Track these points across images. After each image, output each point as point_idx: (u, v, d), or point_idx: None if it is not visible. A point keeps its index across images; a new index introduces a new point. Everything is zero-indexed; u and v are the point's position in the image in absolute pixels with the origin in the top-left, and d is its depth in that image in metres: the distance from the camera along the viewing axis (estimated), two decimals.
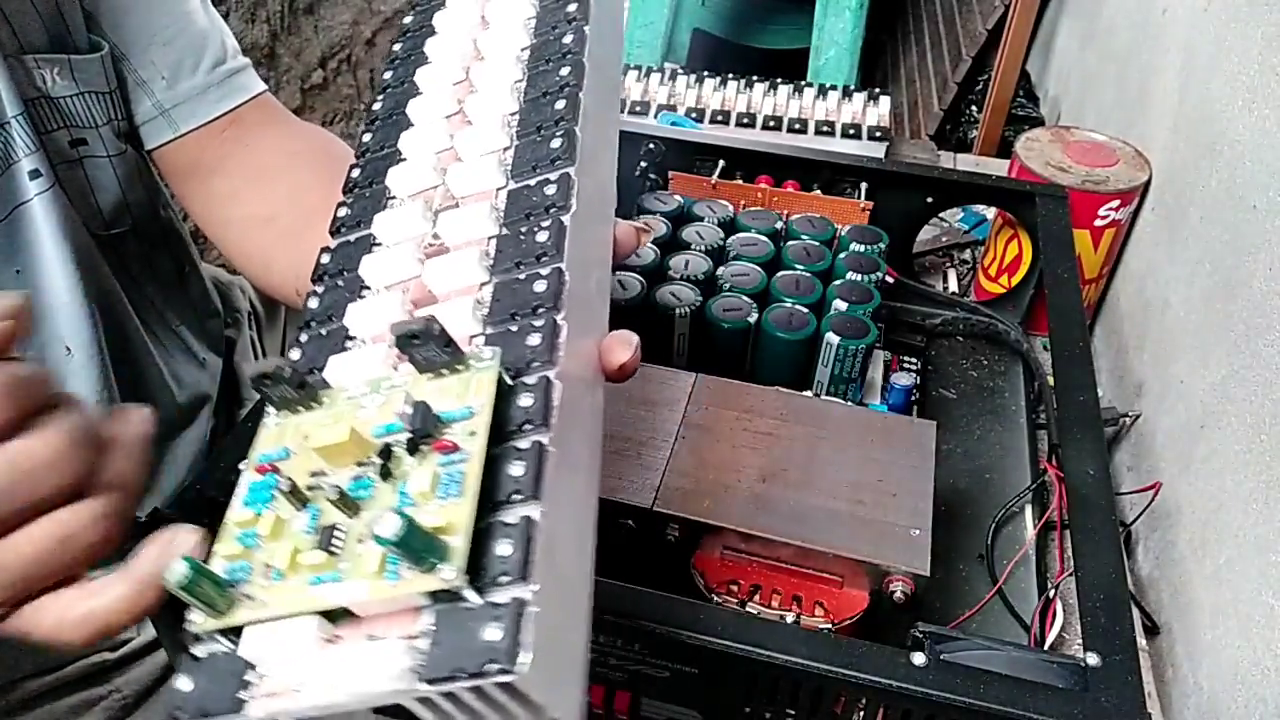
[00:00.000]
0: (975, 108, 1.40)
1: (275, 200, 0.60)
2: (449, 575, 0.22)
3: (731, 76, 0.96)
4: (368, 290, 0.33)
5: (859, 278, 0.62)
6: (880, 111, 0.92)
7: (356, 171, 0.38)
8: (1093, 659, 0.39)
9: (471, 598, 0.23)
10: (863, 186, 0.71)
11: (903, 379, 0.62)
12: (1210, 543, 0.56)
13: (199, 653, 0.25)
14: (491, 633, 0.22)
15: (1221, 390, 0.58)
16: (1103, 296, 0.81)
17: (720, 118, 0.92)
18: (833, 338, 0.58)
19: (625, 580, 0.43)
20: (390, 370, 0.29)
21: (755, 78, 0.96)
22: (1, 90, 0.51)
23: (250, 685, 0.24)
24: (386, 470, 0.26)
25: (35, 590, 0.28)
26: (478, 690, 0.22)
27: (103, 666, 0.61)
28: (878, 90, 0.94)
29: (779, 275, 0.62)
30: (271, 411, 0.29)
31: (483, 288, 0.31)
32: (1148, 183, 0.74)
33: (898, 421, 0.55)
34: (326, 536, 0.25)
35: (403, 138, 0.37)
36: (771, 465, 0.50)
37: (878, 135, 0.89)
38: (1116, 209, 0.73)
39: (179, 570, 0.24)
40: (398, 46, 0.42)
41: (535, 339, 0.28)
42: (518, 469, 0.25)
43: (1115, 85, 0.94)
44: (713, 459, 0.50)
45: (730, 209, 0.68)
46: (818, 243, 0.65)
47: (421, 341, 0.26)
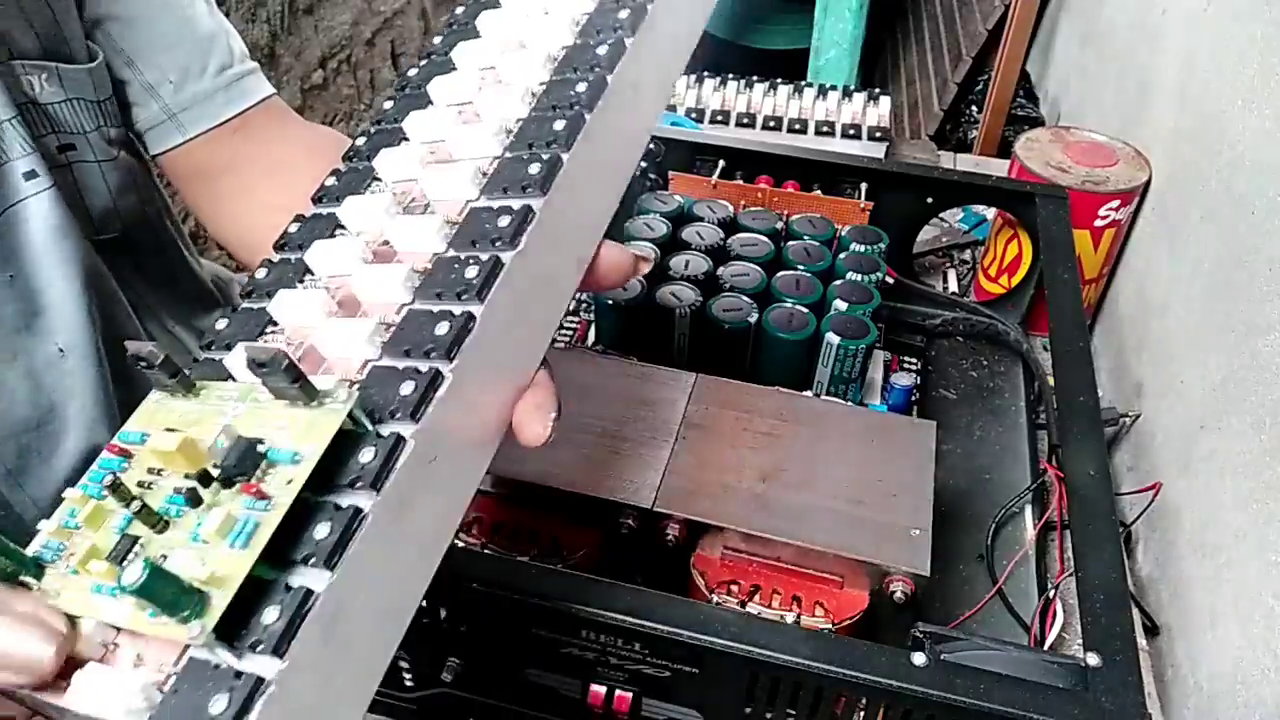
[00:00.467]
0: (975, 108, 1.40)
1: (296, 190, 0.60)
2: (195, 633, 0.22)
3: (731, 77, 0.96)
4: (309, 276, 0.31)
5: (859, 278, 0.62)
6: (880, 112, 0.92)
7: (362, 140, 0.36)
8: (1093, 659, 0.39)
9: (223, 658, 0.22)
10: (863, 187, 0.71)
11: (903, 379, 0.62)
12: (1210, 543, 0.56)
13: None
14: (217, 704, 0.21)
15: (1221, 390, 0.58)
16: (1103, 297, 0.81)
17: (720, 118, 0.92)
18: (833, 338, 0.58)
19: (625, 580, 0.43)
20: None
21: (755, 78, 0.96)
22: None
23: None
24: (197, 497, 0.25)
25: None
26: None
27: None
28: (878, 90, 0.94)
29: (779, 275, 0.62)
30: (155, 390, 0.28)
31: (401, 309, 0.29)
32: (1147, 183, 0.74)
33: (898, 421, 0.55)
34: (124, 548, 0.24)
35: (411, 116, 0.35)
36: (771, 465, 0.50)
37: (878, 135, 0.89)
38: (1116, 209, 0.73)
39: None
40: (460, 10, 0.39)
41: (408, 387, 0.26)
42: (322, 530, 0.23)
43: (1115, 85, 0.94)
44: (713, 459, 0.50)
45: (730, 209, 0.68)
46: (818, 243, 0.65)
47: (269, 371, 0.25)
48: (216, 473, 0.25)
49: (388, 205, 0.32)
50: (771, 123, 0.91)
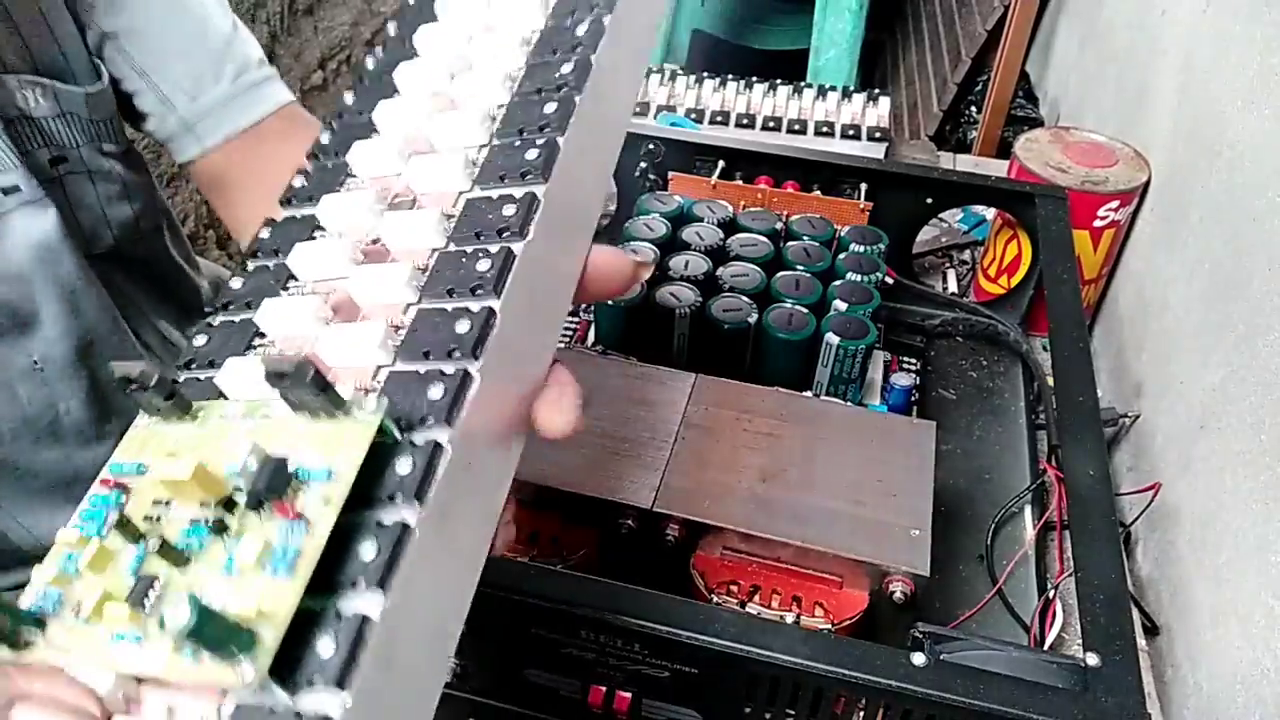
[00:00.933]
0: (975, 108, 1.40)
1: None
2: (248, 675, 0.20)
3: (731, 77, 0.96)
4: (294, 282, 0.29)
5: (859, 278, 0.62)
6: (880, 112, 0.92)
7: (327, 136, 0.34)
8: (1093, 659, 0.39)
9: (279, 699, 0.20)
10: (862, 187, 0.71)
11: (903, 379, 0.62)
12: (1210, 543, 0.56)
13: None
14: None
15: (1221, 390, 0.58)
16: (1102, 297, 0.81)
17: (720, 118, 0.92)
18: (833, 338, 0.58)
19: (625, 580, 0.43)
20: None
21: (755, 78, 0.96)
22: None
23: None
24: (222, 525, 0.22)
25: None
26: None
27: None
28: (877, 91, 0.94)
29: (779, 276, 0.62)
30: (143, 414, 0.26)
31: (408, 309, 0.27)
32: (1147, 183, 0.74)
33: (898, 422, 0.55)
34: (142, 589, 0.22)
35: (380, 106, 0.33)
36: (771, 465, 0.50)
37: (877, 136, 0.89)
38: (1116, 209, 0.73)
39: None
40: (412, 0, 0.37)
41: (437, 391, 0.24)
42: (369, 551, 0.22)
43: (1115, 86, 0.94)
44: (713, 459, 0.50)
45: (730, 209, 0.68)
46: (818, 243, 0.65)
47: (291, 384, 0.23)
48: (242, 498, 0.22)
49: (371, 202, 0.30)
50: (771, 123, 0.91)
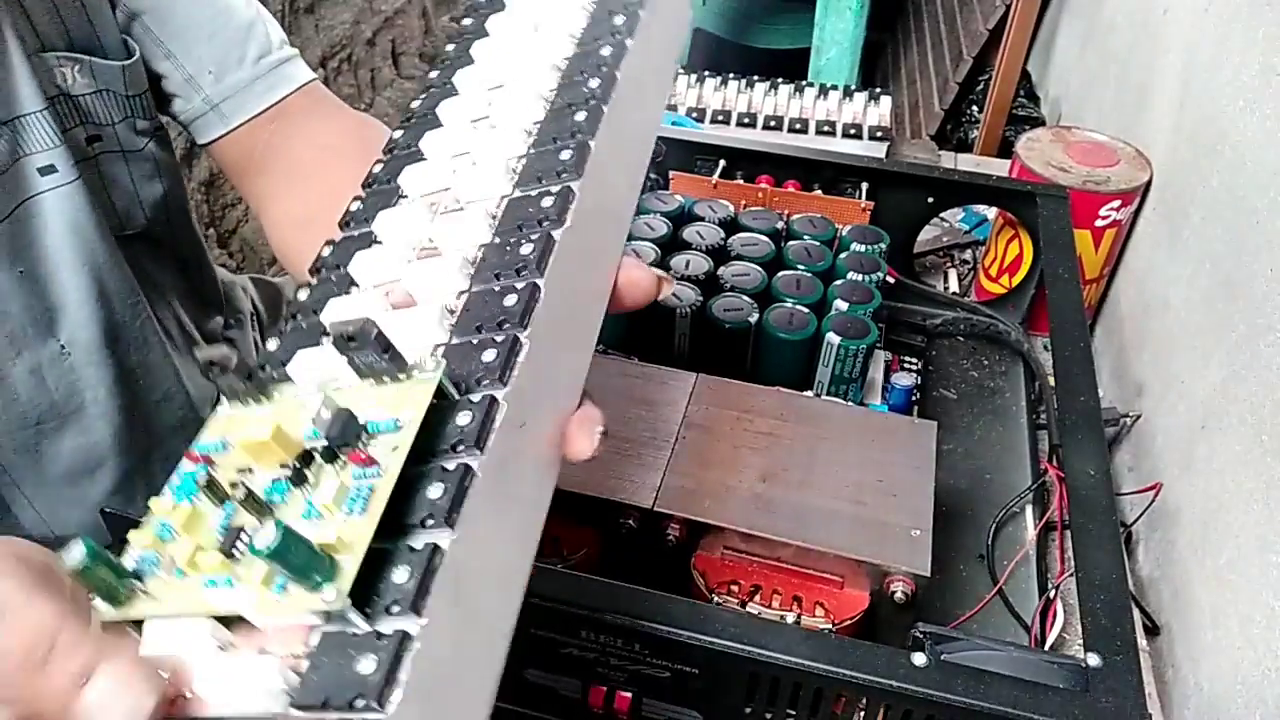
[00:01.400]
0: (976, 108, 1.40)
1: (310, 201, 0.60)
2: (330, 596, 0.21)
3: (732, 76, 0.96)
4: (355, 287, 0.32)
5: (860, 278, 0.62)
6: (881, 111, 0.92)
7: (379, 167, 0.38)
8: (1093, 659, 0.39)
9: (358, 623, 0.22)
10: (863, 186, 0.71)
11: (903, 379, 0.62)
12: (1210, 543, 0.56)
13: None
14: (366, 665, 0.21)
15: (1222, 390, 0.58)
16: (1103, 297, 0.81)
17: (721, 118, 0.92)
18: (833, 338, 0.58)
19: (625, 580, 0.43)
20: (345, 372, 0.27)
21: (756, 78, 0.96)
22: (19, 85, 0.51)
23: None
24: (301, 475, 0.25)
25: None
26: None
27: None
28: (878, 90, 0.94)
29: (780, 275, 0.62)
30: (224, 401, 0.28)
31: (459, 296, 0.29)
32: (1148, 183, 0.74)
33: (898, 421, 0.55)
34: (231, 539, 0.23)
35: (426, 137, 0.36)
36: (772, 465, 0.50)
37: (878, 135, 0.89)
38: (1117, 209, 0.73)
39: (74, 554, 0.23)
40: (450, 47, 0.42)
41: (490, 354, 0.27)
42: (436, 491, 0.24)
43: (1116, 85, 0.94)
44: (713, 459, 0.50)
45: (731, 209, 0.68)
46: (818, 243, 0.65)
47: (358, 344, 0.25)
48: (319, 448, 0.25)
49: (423, 211, 0.33)
50: (772, 122, 0.91)
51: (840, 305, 0.60)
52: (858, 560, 0.46)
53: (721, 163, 0.73)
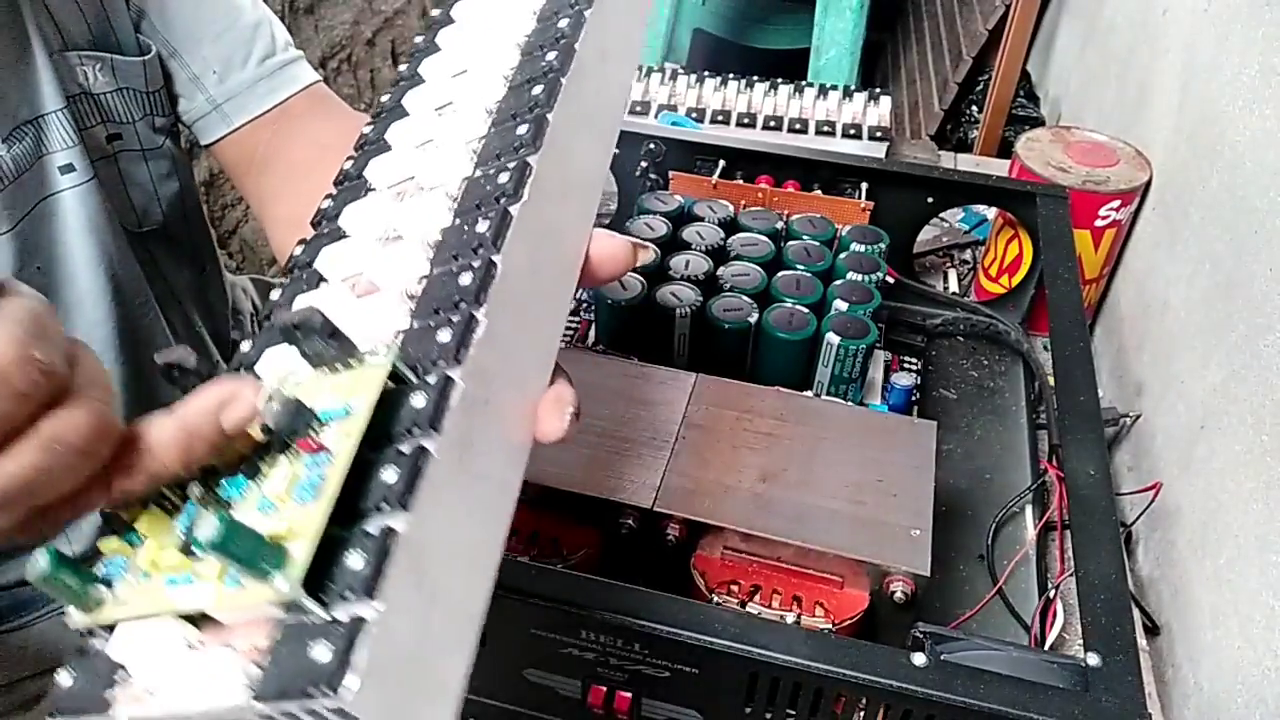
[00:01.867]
0: (976, 108, 1.40)
1: (312, 202, 0.60)
2: (282, 586, 0.21)
3: (732, 76, 0.96)
4: (324, 283, 0.32)
5: (859, 278, 0.62)
6: (881, 111, 0.92)
7: (349, 163, 0.37)
8: (1093, 659, 0.39)
9: (315, 611, 0.22)
10: (863, 186, 0.71)
11: (903, 379, 0.62)
12: (1210, 543, 0.56)
13: (84, 648, 0.25)
14: (320, 652, 0.21)
15: (1222, 390, 0.58)
16: (1103, 297, 0.81)
17: (721, 118, 0.92)
18: (833, 338, 0.58)
19: (625, 580, 0.43)
20: (303, 366, 0.27)
21: (756, 78, 0.96)
22: (43, 84, 0.51)
23: (117, 685, 0.23)
24: (256, 469, 0.25)
25: (45, 506, 0.25)
26: (312, 713, 0.21)
27: None
28: (878, 90, 0.94)
29: (779, 275, 0.62)
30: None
31: (420, 280, 0.29)
32: (1148, 183, 0.74)
33: (898, 421, 0.55)
34: (190, 537, 0.24)
35: (391, 128, 0.36)
36: (772, 465, 0.50)
37: (878, 135, 0.89)
38: (1117, 209, 0.73)
39: (38, 564, 0.23)
40: (419, 39, 0.41)
41: (446, 335, 0.26)
42: (390, 475, 0.23)
43: (1116, 85, 0.94)
44: (713, 459, 0.50)
45: (731, 209, 0.68)
46: (818, 243, 0.65)
47: (304, 333, 0.25)
48: (270, 439, 0.25)
49: (390, 201, 0.33)
50: (772, 122, 0.91)
51: (840, 305, 0.60)
52: (857, 560, 0.46)
53: (721, 163, 0.73)
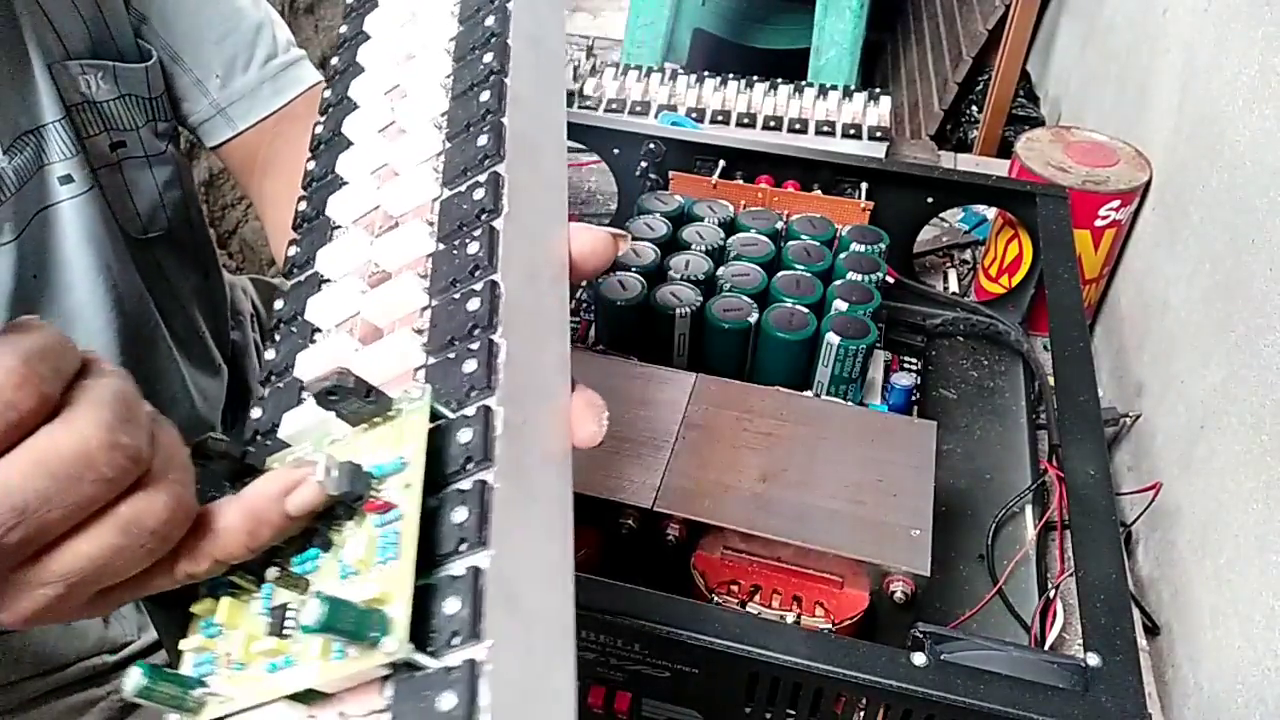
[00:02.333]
0: (975, 108, 1.40)
1: None
2: (391, 648, 0.21)
3: (732, 76, 0.96)
4: (319, 334, 0.31)
5: (859, 278, 0.62)
6: (880, 111, 0.92)
7: (304, 204, 0.36)
8: (1093, 659, 0.39)
9: (426, 663, 0.22)
10: (863, 186, 0.71)
11: (903, 379, 0.62)
12: (1210, 543, 0.56)
13: None
14: (446, 701, 0.21)
15: (1222, 390, 0.58)
16: (1103, 297, 0.81)
17: (721, 118, 0.92)
18: (833, 338, 0.58)
19: (625, 580, 0.43)
20: (335, 423, 0.27)
21: (755, 78, 0.96)
22: (42, 95, 0.51)
23: None
24: (328, 540, 0.25)
25: (110, 586, 0.25)
26: None
27: (102, 669, 0.61)
28: (878, 90, 0.94)
29: (779, 275, 0.62)
30: (228, 485, 0.27)
31: (423, 313, 0.29)
32: (1148, 183, 0.74)
33: (898, 421, 0.55)
34: (279, 619, 0.24)
35: (340, 159, 0.34)
36: (772, 465, 0.50)
37: (878, 135, 0.89)
38: (1117, 209, 0.73)
39: (134, 679, 0.23)
40: (335, 60, 0.39)
41: (471, 365, 0.26)
42: (461, 514, 0.23)
43: (1115, 85, 0.94)
44: (713, 459, 0.50)
45: (730, 209, 0.68)
46: (818, 243, 0.65)
47: (339, 397, 0.25)
48: (338, 509, 0.24)
49: (362, 237, 0.32)
50: (772, 123, 0.91)
51: (840, 305, 0.60)
52: (857, 560, 0.46)
53: (721, 163, 0.73)
